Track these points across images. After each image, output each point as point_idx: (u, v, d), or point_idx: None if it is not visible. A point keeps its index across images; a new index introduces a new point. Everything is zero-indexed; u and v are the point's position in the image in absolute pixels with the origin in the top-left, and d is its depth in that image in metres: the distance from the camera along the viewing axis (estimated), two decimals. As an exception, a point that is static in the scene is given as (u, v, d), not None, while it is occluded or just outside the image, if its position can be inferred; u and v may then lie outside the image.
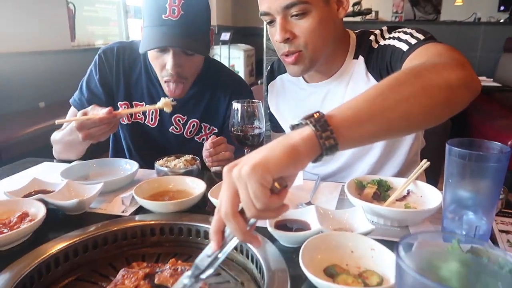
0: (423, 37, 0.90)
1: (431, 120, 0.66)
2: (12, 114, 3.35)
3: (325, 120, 0.56)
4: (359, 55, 1.04)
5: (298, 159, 0.53)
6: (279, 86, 1.24)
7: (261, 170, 0.50)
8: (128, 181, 1.03)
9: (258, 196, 0.50)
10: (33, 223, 0.76)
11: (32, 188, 0.95)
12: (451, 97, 0.65)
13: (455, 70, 0.67)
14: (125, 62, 1.27)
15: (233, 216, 0.52)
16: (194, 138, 1.32)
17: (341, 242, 0.68)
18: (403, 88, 0.62)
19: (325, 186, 1.03)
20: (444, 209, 0.75)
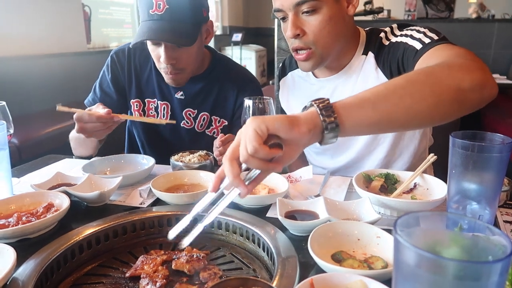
0: (437, 37, 0.92)
1: (435, 118, 0.69)
2: (30, 115, 3.46)
3: (328, 102, 0.62)
4: (369, 51, 1.07)
5: (296, 124, 0.59)
6: (290, 82, 1.28)
7: (259, 120, 0.58)
8: (145, 175, 1.08)
9: (250, 140, 0.57)
10: (58, 213, 0.81)
11: (56, 181, 1.01)
12: (460, 99, 0.67)
13: (472, 73, 0.68)
14: (136, 61, 1.33)
15: (229, 159, 0.60)
16: (205, 131, 1.36)
17: (348, 230, 0.72)
18: (410, 84, 0.65)
19: (334, 179, 1.06)
20: (449, 200, 0.78)
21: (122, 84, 1.34)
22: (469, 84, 0.67)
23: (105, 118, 1.04)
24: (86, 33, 4.32)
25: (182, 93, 1.32)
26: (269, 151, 0.58)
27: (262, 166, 0.59)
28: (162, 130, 1.37)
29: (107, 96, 1.34)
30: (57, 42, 3.91)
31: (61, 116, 3.61)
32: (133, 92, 1.34)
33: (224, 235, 0.86)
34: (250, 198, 0.89)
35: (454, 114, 0.70)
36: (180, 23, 1.12)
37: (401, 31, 1.02)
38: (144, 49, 1.31)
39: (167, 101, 1.34)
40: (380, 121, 0.63)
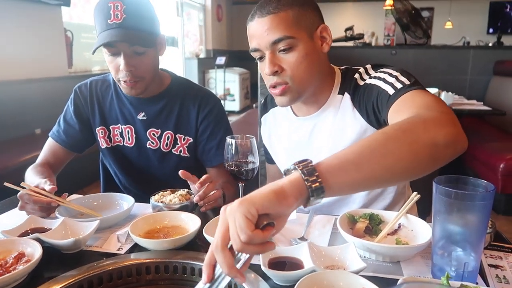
0: (408, 82, 0.92)
1: (413, 174, 0.71)
2: (8, 141, 3.36)
3: (312, 166, 0.61)
4: (345, 92, 1.08)
5: (283, 197, 0.58)
6: (271, 119, 1.28)
7: (247, 203, 0.56)
8: (124, 216, 1.04)
9: (242, 228, 0.55)
10: (30, 264, 0.77)
11: (28, 226, 0.96)
12: (436, 155, 0.68)
13: (445, 128, 0.69)
14: (97, 91, 1.40)
15: (221, 249, 0.57)
16: (172, 151, 1.37)
17: (333, 281, 0.70)
18: (390, 142, 0.66)
19: (318, 219, 1.05)
20: (434, 245, 0.77)
21: (86, 115, 1.40)
22: (443, 140, 0.68)
23: (43, 202, 1.02)
24: (67, 57, 4.28)
25: (144, 114, 1.35)
26: (263, 235, 0.56)
27: (258, 250, 0.58)
28: (129, 154, 1.39)
29: (70, 127, 1.40)
30: (38, 67, 3.86)
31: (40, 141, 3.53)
32: (97, 121, 1.39)
33: (206, 283, 0.83)
34: (232, 243, 0.86)
35: (429, 170, 0.72)
36: (137, 31, 1.17)
37: (375, 72, 1.03)
38: (105, 80, 1.41)
39: (130, 124, 1.37)
40: (364, 181, 0.64)
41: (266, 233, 0.56)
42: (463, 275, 0.73)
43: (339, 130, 1.08)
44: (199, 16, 8.35)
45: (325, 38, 1.05)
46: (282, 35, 0.98)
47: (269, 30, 0.98)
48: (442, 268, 0.75)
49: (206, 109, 1.36)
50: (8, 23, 3.54)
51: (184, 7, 7.57)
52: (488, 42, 6.37)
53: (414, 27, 5.14)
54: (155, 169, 1.38)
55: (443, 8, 8.41)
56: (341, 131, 1.07)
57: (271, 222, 0.57)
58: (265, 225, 0.57)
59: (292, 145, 1.18)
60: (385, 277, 0.78)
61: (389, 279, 0.77)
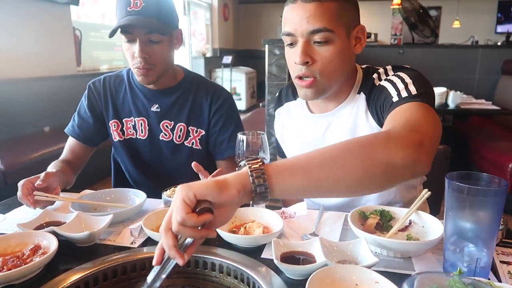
0: (415, 92, 0.91)
1: (366, 189, 0.73)
2: (17, 139, 3.40)
3: (261, 164, 0.64)
4: (362, 91, 1.07)
5: (224, 187, 0.61)
6: (285, 113, 1.28)
7: (186, 188, 0.60)
8: (136, 211, 1.06)
9: (178, 209, 0.59)
10: (46, 256, 0.78)
11: (43, 219, 0.98)
12: (391, 174, 0.69)
13: (407, 149, 0.69)
14: (111, 86, 1.44)
15: (164, 231, 0.61)
16: (184, 143, 1.40)
17: (346, 275, 0.70)
18: (344, 155, 0.67)
19: (328, 216, 1.05)
20: (445, 241, 0.77)
21: (99, 109, 1.43)
22: (401, 161, 0.68)
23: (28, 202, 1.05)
24: (76, 56, 4.32)
25: (158, 106, 1.39)
26: (197, 219, 0.59)
27: (193, 234, 0.61)
28: (142, 148, 1.41)
29: (84, 122, 1.44)
30: (46, 65, 3.89)
31: (49, 139, 3.57)
32: (110, 114, 1.42)
33: (218, 277, 0.84)
34: (244, 238, 0.88)
35: (384, 187, 0.74)
36: (154, 19, 1.22)
37: (392, 74, 1.02)
38: (118, 75, 1.45)
39: (143, 116, 1.40)
40: (310, 188, 0.66)
41: (201, 217, 0.59)
42: (475, 270, 0.73)
43: (352, 130, 1.07)
44: (206, 15, 8.37)
45: (360, 39, 1.04)
46: (322, 26, 0.95)
47: (310, 17, 0.96)
48: (454, 263, 0.76)
49: (219, 102, 1.39)
50: (18, 21, 3.57)
51: (190, 6, 7.59)
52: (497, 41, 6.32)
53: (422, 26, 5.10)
54: (167, 161, 1.41)
55: (451, 7, 8.34)
56: (353, 132, 1.07)
57: (209, 208, 0.60)
58: (203, 211, 0.60)
59: (306, 142, 1.18)
60: (397, 272, 0.78)
61: (401, 274, 0.78)
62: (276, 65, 3.23)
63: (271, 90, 3.29)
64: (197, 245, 0.65)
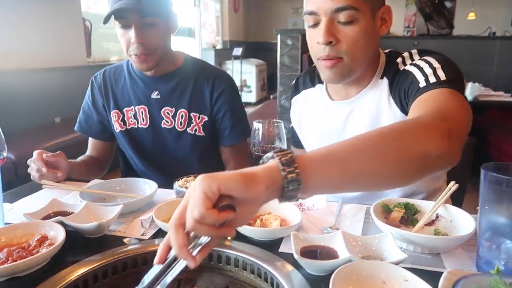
0: (444, 78, 0.86)
1: (399, 183, 0.68)
2: (29, 130, 3.40)
3: (292, 156, 0.54)
4: (385, 76, 1.02)
5: (252, 182, 0.51)
6: (302, 101, 1.23)
7: (209, 179, 0.50)
8: (147, 202, 1.02)
9: (197, 203, 0.50)
10: (53, 248, 0.74)
11: (51, 209, 0.94)
12: (426, 165, 0.65)
13: (440, 140, 0.65)
14: (111, 77, 1.42)
15: (174, 226, 0.53)
16: (187, 130, 1.36)
17: (373, 272, 0.65)
18: (382, 145, 0.61)
19: (349, 208, 1.00)
20: (479, 237, 0.71)
21: (101, 102, 1.42)
22: (436, 152, 0.63)
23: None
24: (86, 47, 4.29)
25: (158, 92, 1.35)
26: (218, 216, 0.50)
27: (212, 233, 0.53)
28: (144, 137, 1.38)
29: (89, 118, 1.45)
30: (57, 56, 3.88)
31: (59, 130, 3.56)
32: (111, 105, 1.40)
33: (233, 271, 0.79)
34: (261, 231, 0.83)
35: (415, 179, 0.69)
36: (148, 2, 1.17)
37: (418, 59, 0.97)
38: (118, 66, 1.44)
39: (143, 104, 1.36)
40: (347, 181, 0.59)
41: (222, 214, 0.51)
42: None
43: (374, 117, 1.02)
44: (216, 7, 8.29)
45: (386, 20, 1.00)
46: (347, 4, 0.91)
47: None
48: (489, 261, 0.70)
49: (220, 88, 1.35)
50: (28, 12, 3.55)
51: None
52: (514, 33, 6.15)
53: (437, 17, 4.99)
54: (171, 150, 1.37)
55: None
56: (375, 119, 1.02)
57: (231, 205, 0.52)
58: (224, 207, 0.51)
59: (325, 131, 1.13)
60: (426, 269, 0.73)
61: (430, 271, 0.72)
62: (288, 56, 3.17)
63: (283, 81, 3.23)
64: (212, 246, 0.57)
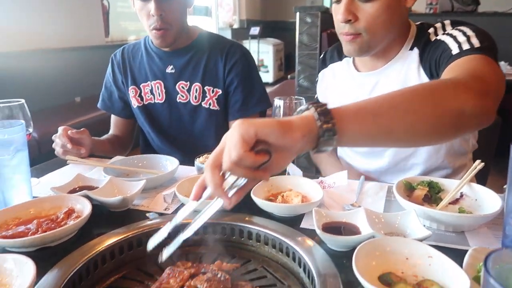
0: (478, 45, 0.85)
1: (432, 139, 0.67)
2: (50, 109, 3.46)
3: (327, 107, 0.57)
4: (415, 47, 1.01)
5: (289, 129, 0.54)
6: (329, 74, 1.23)
7: (247, 123, 0.53)
8: (169, 177, 1.03)
9: (235, 146, 0.52)
10: (80, 220, 0.76)
11: (76, 184, 0.96)
12: (460, 123, 0.65)
13: (476, 97, 0.65)
14: (129, 54, 1.45)
15: (210, 167, 0.55)
16: (201, 104, 1.37)
17: (396, 248, 0.65)
18: (415, 100, 0.62)
19: (370, 186, 0.99)
20: (506, 215, 0.70)
21: (120, 79, 1.45)
22: (470, 109, 0.64)
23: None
24: (104, 26, 4.30)
25: (172, 67, 1.37)
26: (255, 158, 0.53)
27: (247, 175, 0.55)
28: (161, 112, 1.40)
29: (111, 94, 1.48)
30: (75, 36, 3.90)
31: (80, 109, 3.62)
32: (129, 81, 1.42)
33: (255, 246, 0.80)
34: (282, 207, 0.83)
35: (450, 137, 0.71)
36: None
37: (451, 29, 0.96)
38: (136, 43, 1.47)
39: (159, 79, 1.38)
40: (379, 134, 0.60)
41: (258, 157, 0.53)
42: (541, 247, 0.66)
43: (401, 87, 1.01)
44: (233, -15, 8.16)
45: None
46: None
47: None
48: (516, 239, 0.69)
49: (233, 60, 1.34)
50: (47, -9, 3.57)
51: (218, -24, 7.41)
52: (544, 9, 5.86)
53: (462, -7, 4.79)
54: (187, 125, 1.39)
55: (493, -27, 7.79)
56: None
57: (267, 150, 0.54)
58: (260, 151, 0.54)
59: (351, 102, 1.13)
60: (450, 247, 0.72)
61: (455, 249, 0.72)
62: (307, 34, 3.10)
63: (301, 60, 3.18)
64: (247, 189, 0.59)
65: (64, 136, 1.15)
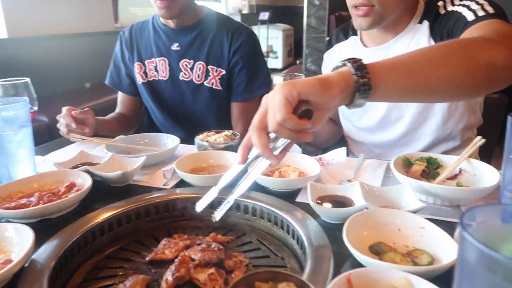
0: (492, 11, 0.86)
1: (467, 91, 0.70)
2: (60, 94, 3.50)
3: (362, 62, 0.59)
4: (424, 20, 1.02)
5: (328, 86, 0.56)
6: (336, 54, 1.23)
7: (290, 85, 0.55)
8: (170, 155, 1.04)
9: (280, 107, 0.54)
10: (80, 193, 0.78)
11: (79, 160, 0.98)
12: (492, 75, 0.67)
13: (506, 52, 0.67)
14: (136, 31, 1.47)
15: (257, 129, 0.57)
16: (204, 83, 1.38)
17: (388, 219, 0.65)
18: (449, 53, 0.64)
19: (369, 163, 0.99)
20: (503, 188, 0.69)
21: (127, 56, 1.47)
22: (502, 62, 0.66)
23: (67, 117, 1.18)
24: (113, 12, 4.31)
25: (178, 44, 1.38)
26: (298, 122, 0.55)
27: (292, 136, 0.57)
28: (164, 89, 1.42)
29: (119, 71, 1.50)
30: (85, 22, 3.92)
31: (89, 95, 3.66)
32: (135, 57, 1.44)
33: (251, 219, 0.81)
34: (279, 181, 0.84)
35: (483, 90, 0.73)
36: None
37: (460, 1, 0.96)
38: (144, 21, 1.48)
39: (164, 56, 1.39)
40: (414, 88, 0.62)
41: (301, 121, 0.56)
42: (536, 220, 0.66)
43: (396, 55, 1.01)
44: (243, -31, 8.06)
45: None
46: None
47: None
48: None
49: (239, 41, 1.34)
50: (56, -24, 3.58)
51: (227, -40, 7.32)
52: None
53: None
54: (189, 103, 1.41)
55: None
56: None
57: (310, 109, 0.57)
58: (303, 113, 0.56)
59: None
60: (444, 220, 0.72)
61: (450, 222, 0.71)
62: (315, 17, 3.06)
63: (309, 43, 3.14)
64: (289, 148, 0.62)
65: (68, 116, 1.17)
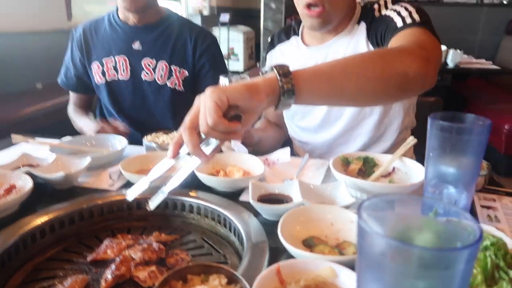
0: (419, 20, 0.94)
1: (381, 99, 0.78)
2: (9, 94, 3.34)
3: (288, 69, 0.63)
4: (362, 21, 1.09)
5: (255, 92, 0.60)
6: (278, 55, 1.27)
7: (219, 91, 0.58)
8: (116, 156, 1.04)
9: (211, 112, 0.57)
10: (19, 195, 0.77)
11: (20, 162, 0.96)
12: (405, 84, 0.74)
13: (417, 61, 0.74)
14: (91, 29, 1.41)
15: (188, 128, 0.61)
16: (167, 83, 1.36)
17: (321, 215, 0.69)
18: (365, 63, 0.71)
19: (312, 163, 1.04)
20: (426, 184, 0.76)
21: (78, 56, 1.41)
22: (413, 72, 0.73)
23: None
24: (67, 9, 4.16)
25: (139, 43, 1.35)
26: (228, 125, 0.59)
27: (222, 137, 0.62)
28: (125, 90, 1.38)
29: (68, 71, 1.45)
30: (36, 19, 3.76)
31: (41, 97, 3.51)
32: (92, 56, 1.39)
33: (196, 218, 0.83)
34: (223, 180, 0.86)
35: (396, 98, 0.81)
36: None
37: (393, 5, 1.04)
38: (98, 18, 1.43)
39: (123, 54, 1.36)
40: (333, 94, 0.68)
41: (231, 124, 0.59)
42: (453, 212, 0.72)
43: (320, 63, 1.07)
44: (203, -29, 8.03)
45: None
46: None
47: None
48: (431, 206, 0.74)
49: (204, 45, 1.36)
50: (4, -29, 3.42)
51: (187, -39, 7.27)
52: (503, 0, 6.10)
53: (426, -17, 4.91)
54: (150, 104, 1.39)
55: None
56: None
57: (238, 114, 0.61)
58: (233, 118, 0.61)
59: None
60: (375, 214, 0.77)
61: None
62: (272, 20, 3.14)
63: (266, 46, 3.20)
64: (219, 147, 0.65)
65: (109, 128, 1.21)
